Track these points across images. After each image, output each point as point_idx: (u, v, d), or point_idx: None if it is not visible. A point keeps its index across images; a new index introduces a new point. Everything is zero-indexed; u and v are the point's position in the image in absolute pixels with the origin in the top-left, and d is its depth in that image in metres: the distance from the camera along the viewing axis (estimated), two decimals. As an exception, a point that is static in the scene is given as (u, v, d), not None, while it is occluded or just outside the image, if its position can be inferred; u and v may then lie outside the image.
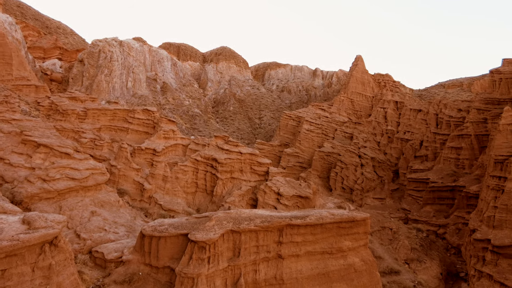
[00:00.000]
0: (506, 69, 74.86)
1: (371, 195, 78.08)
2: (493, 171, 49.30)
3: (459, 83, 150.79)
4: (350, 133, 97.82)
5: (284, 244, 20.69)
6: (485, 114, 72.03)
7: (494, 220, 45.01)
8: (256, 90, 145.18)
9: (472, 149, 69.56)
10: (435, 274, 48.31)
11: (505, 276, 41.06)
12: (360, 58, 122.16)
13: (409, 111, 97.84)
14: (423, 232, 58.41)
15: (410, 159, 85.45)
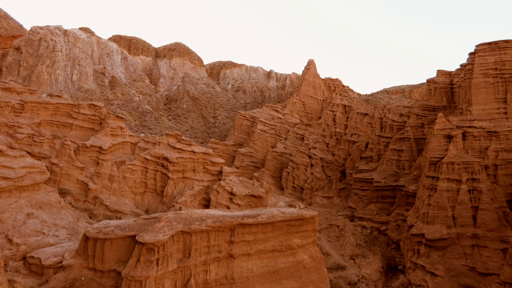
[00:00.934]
0: (440, 79, 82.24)
1: (320, 194, 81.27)
2: (428, 172, 53.92)
3: (402, 90, 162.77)
4: (301, 134, 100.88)
5: (236, 243, 20.78)
6: (423, 119, 78.50)
7: (428, 216, 49.27)
8: (211, 88, 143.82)
9: (411, 151, 75.39)
10: (377, 268, 51.65)
11: (435, 267, 45.15)
12: (312, 62, 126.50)
13: (356, 114, 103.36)
14: (367, 229, 62.15)
15: (356, 160, 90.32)
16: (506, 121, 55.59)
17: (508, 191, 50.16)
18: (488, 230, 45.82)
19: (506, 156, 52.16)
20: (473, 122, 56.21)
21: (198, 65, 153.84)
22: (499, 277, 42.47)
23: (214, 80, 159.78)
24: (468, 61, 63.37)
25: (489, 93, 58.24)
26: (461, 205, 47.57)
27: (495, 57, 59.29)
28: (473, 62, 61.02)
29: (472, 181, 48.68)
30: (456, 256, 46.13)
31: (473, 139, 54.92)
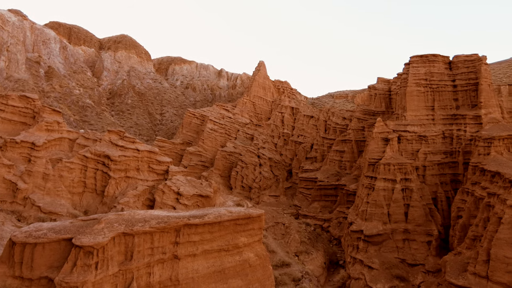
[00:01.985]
0: (380, 86, 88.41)
1: (267, 192, 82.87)
2: (367, 172, 57.70)
3: (345, 94, 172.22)
4: (251, 134, 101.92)
5: (181, 244, 20.36)
6: (363, 123, 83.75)
7: (367, 213, 52.74)
8: (158, 84, 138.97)
9: (352, 152, 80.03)
10: (320, 264, 54.04)
11: (372, 260, 48.50)
12: (262, 64, 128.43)
13: (303, 116, 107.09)
14: (311, 226, 64.74)
15: (302, 160, 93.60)
16: (433, 127, 61.58)
17: (433, 189, 55.61)
18: (417, 225, 50.35)
19: (433, 158, 57.77)
20: (407, 126, 61.38)
21: (145, 59, 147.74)
22: (424, 266, 46.95)
23: (162, 76, 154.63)
24: (404, 71, 69.07)
25: (421, 101, 64.05)
26: (395, 203, 51.67)
27: (425, 69, 65.37)
28: (407, 72, 66.62)
29: (405, 181, 53.11)
30: (390, 250, 50.00)
31: (406, 142, 59.95)
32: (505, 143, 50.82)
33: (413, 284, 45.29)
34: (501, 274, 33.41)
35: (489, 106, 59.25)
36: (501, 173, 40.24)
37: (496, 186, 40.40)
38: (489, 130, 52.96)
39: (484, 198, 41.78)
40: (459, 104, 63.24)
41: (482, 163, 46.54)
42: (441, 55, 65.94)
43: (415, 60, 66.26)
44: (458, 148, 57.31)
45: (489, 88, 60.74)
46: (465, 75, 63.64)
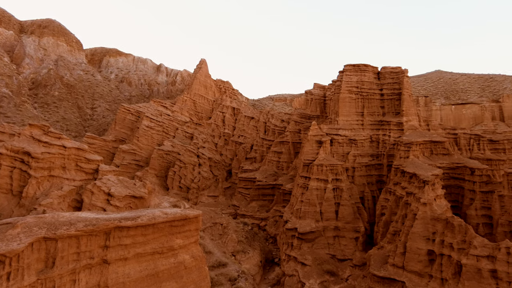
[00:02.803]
0: (316, 91, 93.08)
1: (206, 193, 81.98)
2: (302, 172, 60.28)
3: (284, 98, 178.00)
4: (190, 133, 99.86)
5: (111, 248, 19.12)
6: (300, 126, 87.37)
7: (301, 212, 55.07)
8: (90, 76, 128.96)
9: (289, 153, 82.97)
10: (256, 262, 54.95)
11: (305, 257, 50.76)
12: (204, 62, 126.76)
13: (244, 117, 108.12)
14: (249, 226, 65.56)
15: (242, 160, 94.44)
16: (362, 131, 66.67)
17: (361, 189, 60.18)
18: (346, 222, 53.99)
19: (361, 160, 62.50)
20: (339, 130, 65.52)
21: (76, 49, 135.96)
22: (352, 261, 50.54)
23: (95, 68, 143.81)
24: (338, 78, 73.68)
25: (352, 107, 68.90)
26: (327, 201, 54.79)
27: (357, 77, 70.53)
28: (341, 79, 71.19)
29: (336, 181, 56.61)
30: (322, 246, 52.83)
31: (338, 145, 63.96)
32: (421, 148, 57.08)
33: (342, 278, 48.42)
34: (414, 264, 37.45)
35: (409, 114, 66.02)
36: (417, 174, 45.09)
37: (413, 186, 45.16)
38: (408, 136, 59.00)
39: (403, 197, 46.41)
40: (385, 111, 69.41)
41: (402, 165, 51.64)
42: (371, 65, 71.76)
43: (348, 68, 71.10)
44: (383, 152, 62.83)
45: (410, 98, 67.71)
46: (391, 85, 70.09)
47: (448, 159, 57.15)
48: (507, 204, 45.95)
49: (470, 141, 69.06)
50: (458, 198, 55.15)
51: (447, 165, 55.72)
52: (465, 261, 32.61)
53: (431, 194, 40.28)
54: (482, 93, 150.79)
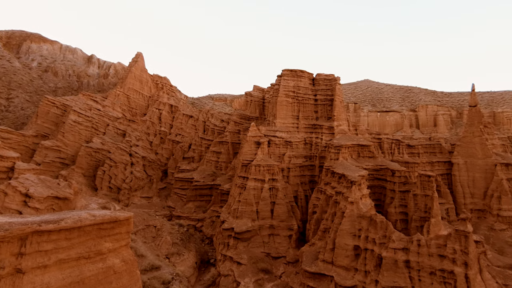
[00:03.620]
0: (255, 93, 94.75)
1: (139, 194, 78.19)
2: (240, 173, 60.85)
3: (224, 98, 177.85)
4: (123, 130, 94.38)
5: (28, 255, 17.16)
6: (239, 126, 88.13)
7: (238, 211, 55.53)
8: (6, 62, 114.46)
9: (228, 154, 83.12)
10: (191, 264, 53.94)
11: (241, 256, 51.26)
12: (140, 55, 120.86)
13: (182, 115, 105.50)
14: (184, 227, 64.12)
15: (179, 160, 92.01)
16: (297, 134, 69.62)
17: (295, 188, 62.77)
18: (280, 221, 55.81)
19: (296, 161, 65.20)
20: (276, 132, 67.55)
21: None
22: (286, 258, 52.42)
23: (12, 53, 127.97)
24: (276, 82, 75.93)
25: (288, 110, 71.55)
26: (263, 201, 56.06)
27: (294, 82, 73.46)
28: (279, 83, 73.50)
29: (272, 181, 58.23)
30: (257, 245, 53.85)
31: (275, 146, 65.89)
32: (349, 151, 61.48)
33: (276, 275, 49.89)
34: (342, 259, 40.19)
35: (340, 119, 70.71)
36: (346, 175, 48.47)
37: (342, 186, 48.45)
38: (339, 140, 63.14)
39: (333, 196, 49.52)
40: (319, 116, 73.38)
41: (332, 166, 55.07)
42: (307, 71, 75.33)
43: (286, 73, 73.70)
44: (316, 153, 66.34)
45: (341, 105, 72.54)
46: (324, 91, 74.34)
47: (373, 162, 62.44)
48: (420, 202, 51.80)
49: (392, 145, 76.36)
50: (381, 197, 60.58)
51: (372, 167, 60.85)
52: (385, 254, 35.94)
53: (357, 194, 43.62)
54: (403, 102, 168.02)
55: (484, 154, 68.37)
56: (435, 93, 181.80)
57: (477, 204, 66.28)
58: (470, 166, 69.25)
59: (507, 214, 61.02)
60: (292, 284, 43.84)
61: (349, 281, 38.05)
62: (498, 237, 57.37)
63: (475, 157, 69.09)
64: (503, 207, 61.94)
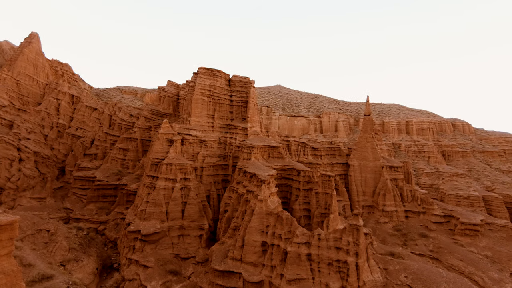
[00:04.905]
0: (169, 89, 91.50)
1: (29, 194, 68.27)
2: (149, 171, 58.02)
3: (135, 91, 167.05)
4: (10, 120, 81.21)
5: None
6: (151, 122, 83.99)
7: (145, 213, 52.83)
8: None
9: (137, 151, 78.42)
10: (91, 271, 49.22)
11: (147, 259, 48.90)
12: (36, 36, 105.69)
13: (85, 107, 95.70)
14: (84, 231, 58.24)
15: (79, 157, 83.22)
16: (212, 133, 69.60)
17: (208, 188, 62.61)
18: (191, 221, 54.98)
19: (210, 160, 65.08)
20: (190, 130, 66.36)
21: None
22: (195, 258, 51.82)
23: None
24: (192, 79, 74.61)
25: (204, 109, 71.01)
26: (174, 201, 54.47)
27: (210, 81, 73.24)
28: (195, 80, 72.41)
29: (185, 180, 57.02)
30: (166, 247, 52.04)
31: (189, 145, 64.66)
32: (261, 151, 64.01)
33: (185, 276, 48.93)
34: (250, 255, 41.56)
35: (253, 121, 73.08)
36: (257, 174, 50.32)
37: (253, 185, 50.14)
38: (251, 140, 65.21)
39: (244, 195, 50.88)
40: (233, 117, 74.59)
41: (245, 166, 56.58)
42: (224, 72, 75.91)
43: (202, 71, 73.01)
44: (230, 153, 67.29)
45: (255, 107, 75.02)
46: (239, 93, 75.90)
47: (281, 162, 66.14)
48: (321, 199, 56.81)
49: (298, 147, 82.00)
50: (287, 195, 64.55)
51: (280, 167, 64.42)
52: (289, 249, 38.39)
53: (266, 192, 45.68)
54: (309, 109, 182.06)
55: (374, 158, 78.48)
56: (337, 102, 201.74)
57: (367, 201, 75.70)
58: (363, 167, 78.72)
59: (389, 209, 71.15)
60: (201, 283, 43.61)
61: (257, 276, 39.56)
62: (382, 229, 66.47)
63: (367, 160, 78.83)
64: (387, 203, 72.06)
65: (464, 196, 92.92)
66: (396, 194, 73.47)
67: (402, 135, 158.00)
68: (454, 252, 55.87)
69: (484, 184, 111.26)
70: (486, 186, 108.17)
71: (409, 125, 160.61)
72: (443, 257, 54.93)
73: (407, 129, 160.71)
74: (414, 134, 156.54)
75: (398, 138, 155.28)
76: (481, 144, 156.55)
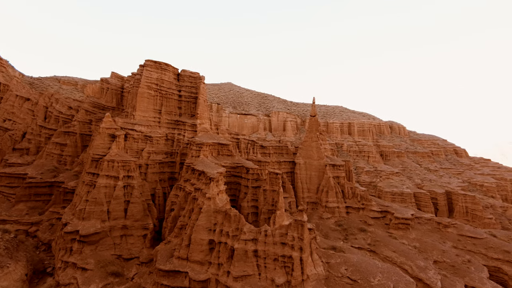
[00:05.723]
0: (113, 81, 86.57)
1: None
2: (89, 168, 54.41)
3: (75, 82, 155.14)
4: None
5: None
6: (92, 116, 78.76)
7: (85, 212, 49.48)
8: None
9: (76, 146, 73.07)
10: (18, 277, 44.84)
11: (86, 261, 45.89)
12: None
13: (14, 97, 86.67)
14: (11, 233, 52.82)
15: (7, 152, 75.24)
16: (159, 129, 67.28)
17: (153, 186, 60.47)
18: (135, 220, 52.70)
19: (155, 157, 62.86)
20: (135, 126, 63.46)
21: None
22: (139, 259, 49.78)
23: None
24: (138, 72, 71.33)
25: (150, 103, 68.33)
26: (116, 199, 51.73)
27: (158, 75, 70.68)
28: (141, 73, 69.35)
29: (128, 178, 54.41)
30: (107, 248, 49.26)
31: (133, 140, 61.79)
32: (210, 149, 63.39)
33: (128, 277, 46.78)
34: (196, 254, 41.01)
35: (203, 118, 72.09)
36: (205, 172, 49.76)
37: (201, 183, 49.49)
38: (200, 137, 64.29)
39: (192, 193, 50.02)
40: (182, 112, 72.83)
41: (193, 163, 55.62)
42: (172, 66, 73.72)
43: (149, 64, 70.15)
44: (177, 150, 65.64)
45: (204, 104, 74.03)
46: (189, 88, 74.31)
47: (230, 160, 66.18)
48: (268, 196, 57.94)
49: (248, 145, 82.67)
50: (236, 193, 64.80)
51: (230, 164, 64.42)
52: (236, 246, 38.59)
53: (215, 190, 45.39)
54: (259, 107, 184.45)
55: (318, 156, 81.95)
56: (286, 102, 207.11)
57: (312, 197, 78.86)
58: (308, 166, 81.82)
59: (332, 205, 74.90)
60: (145, 284, 42.05)
61: (203, 275, 39.18)
62: (325, 224, 69.76)
63: (312, 159, 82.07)
64: (330, 200, 75.76)
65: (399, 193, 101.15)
66: (338, 191, 77.53)
67: (344, 136, 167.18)
68: (388, 245, 60.55)
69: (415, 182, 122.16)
70: (417, 184, 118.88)
71: (351, 126, 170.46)
72: (379, 249, 59.27)
73: (349, 130, 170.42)
74: (356, 135, 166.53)
75: (341, 138, 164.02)
76: (414, 145, 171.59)
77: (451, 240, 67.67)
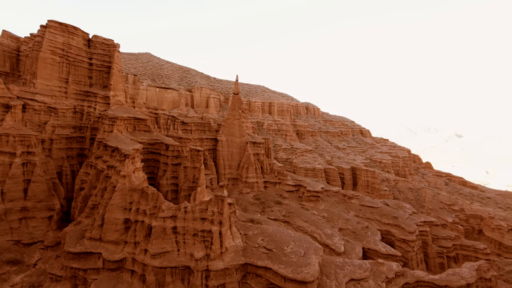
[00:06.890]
0: (6, 41, 73.84)
1: None
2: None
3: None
4: None
5: None
6: (-23, 82, 66.56)
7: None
8: None
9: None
10: None
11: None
12: None
13: None
14: None
15: None
16: (65, 100, 60.34)
17: (59, 163, 54.76)
18: (37, 201, 47.42)
19: (61, 131, 56.63)
20: (36, 95, 55.82)
21: None
22: (43, 243, 45.29)
23: None
24: (39, 33, 62.04)
25: (55, 71, 60.49)
26: (13, 179, 45.68)
27: (64, 39, 62.51)
28: (43, 35, 60.53)
29: (28, 154, 48.23)
30: (2, 233, 43.68)
31: (33, 112, 54.48)
32: (125, 123, 59.47)
33: (29, 264, 42.42)
34: (111, 234, 38.98)
35: (117, 89, 66.74)
36: (119, 148, 46.77)
37: (115, 160, 46.46)
38: (114, 111, 59.68)
39: (104, 170, 46.72)
40: (93, 83, 66.25)
41: (105, 139, 51.67)
42: (82, 30, 65.82)
43: (53, 25, 61.51)
44: (87, 124, 60.04)
45: (119, 74, 68.38)
46: (101, 56, 67.57)
47: (148, 136, 63.19)
48: (189, 173, 57.38)
49: (168, 121, 79.65)
50: (154, 170, 62.57)
51: (147, 140, 61.53)
52: (154, 224, 37.72)
53: (130, 167, 43.12)
54: (181, 82, 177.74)
55: (240, 134, 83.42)
56: (209, 78, 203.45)
57: (233, 174, 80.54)
58: (230, 143, 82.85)
59: (251, 180, 77.72)
60: (51, 269, 38.64)
61: (118, 254, 37.60)
62: (244, 199, 72.31)
63: (234, 136, 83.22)
64: (249, 175, 78.40)
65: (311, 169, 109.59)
66: (258, 167, 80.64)
67: (265, 115, 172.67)
68: (301, 216, 65.80)
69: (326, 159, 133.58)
70: (327, 160, 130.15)
71: (272, 106, 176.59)
72: (293, 220, 64.09)
73: (270, 109, 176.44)
74: (275, 115, 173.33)
75: (262, 117, 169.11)
76: (326, 125, 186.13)
77: (354, 209, 76.61)
